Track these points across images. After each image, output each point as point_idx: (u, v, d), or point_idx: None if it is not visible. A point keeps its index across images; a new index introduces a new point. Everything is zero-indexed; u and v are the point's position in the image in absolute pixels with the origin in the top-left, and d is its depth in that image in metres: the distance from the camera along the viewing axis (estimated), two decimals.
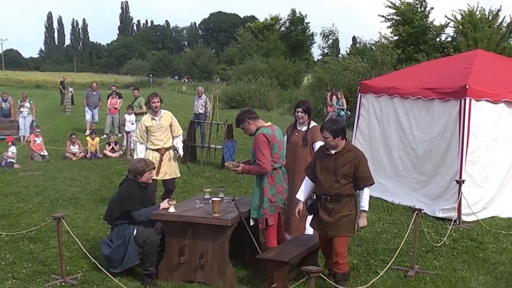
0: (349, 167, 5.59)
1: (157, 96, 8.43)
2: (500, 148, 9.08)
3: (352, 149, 5.74)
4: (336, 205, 5.61)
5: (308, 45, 58.83)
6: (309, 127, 7.01)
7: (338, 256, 5.65)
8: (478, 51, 11.71)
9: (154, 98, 8.37)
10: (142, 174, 6.39)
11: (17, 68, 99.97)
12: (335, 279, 5.58)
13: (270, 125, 6.25)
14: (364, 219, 5.69)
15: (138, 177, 6.39)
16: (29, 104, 18.03)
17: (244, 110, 6.40)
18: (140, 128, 8.37)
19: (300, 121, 7.06)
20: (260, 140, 6.02)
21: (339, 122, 5.92)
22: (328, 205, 5.65)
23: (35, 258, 6.86)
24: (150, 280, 6.03)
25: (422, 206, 8.63)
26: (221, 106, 30.13)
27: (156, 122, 8.35)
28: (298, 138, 6.96)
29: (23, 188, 10.98)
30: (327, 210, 5.66)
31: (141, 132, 8.35)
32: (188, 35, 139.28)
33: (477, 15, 25.70)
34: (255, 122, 6.20)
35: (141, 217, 6.25)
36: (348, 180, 5.60)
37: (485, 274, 6.48)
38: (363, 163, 5.68)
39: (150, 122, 8.35)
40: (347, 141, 5.70)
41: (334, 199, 5.62)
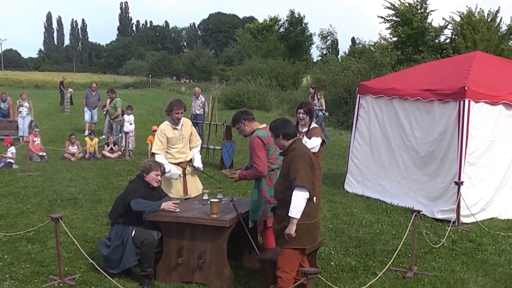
0: (287, 168, 5.13)
1: (181, 107, 7.06)
2: (498, 150, 9.09)
3: (294, 149, 5.20)
4: (283, 211, 5.09)
5: (307, 46, 58.83)
6: (309, 128, 7.15)
7: (277, 270, 5.20)
8: (477, 53, 11.72)
9: (179, 109, 7.02)
10: (148, 173, 6.31)
11: (17, 68, 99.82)
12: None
13: (265, 127, 6.26)
14: (291, 226, 4.98)
15: (144, 174, 6.34)
16: (28, 104, 18.03)
17: (241, 111, 6.43)
18: (161, 139, 7.02)
19: (301, 122, 7.19)
20: (255, 143, 6.05)
21: (282, 122, 5.37)
22: (277, 211, 5.29)
23: (33, 259, 6.85)
24: (148, 281, 6.02)
25: (420, 207, 8.67)
26: (220, 106, 30.14)
27: (178, 132, 7.11)
28: None
29: (22, 188, 10.97)
30: (276, 217, 5.30)
31: (163, 143, 7.02)
32: (187, 36, 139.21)
33: (476, 16, 25.73)
34: (250, 123, 6.25)
35: (137, 205, 6.05)
36: (290, 183, 5.05)
37: (484, 276, 6.48)
38: (295, 162, 5.07)
39: (172, 133, 7.07)
40: (293, 141, 5.23)
41: (281, 204, 5.19)
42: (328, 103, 25.12)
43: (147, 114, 26.92)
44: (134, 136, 16.20)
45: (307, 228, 5.10)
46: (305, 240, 5.15)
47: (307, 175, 5.01)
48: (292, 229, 4.98)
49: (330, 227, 8.44)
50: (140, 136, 17.88)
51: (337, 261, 6.89)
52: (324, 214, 9.18)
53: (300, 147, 5.27)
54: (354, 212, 9.40)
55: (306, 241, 5.18)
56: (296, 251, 5.18)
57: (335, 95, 24.45)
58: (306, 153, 5.20)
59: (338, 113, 23.87)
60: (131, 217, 6.20)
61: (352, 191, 10.90)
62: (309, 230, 5.15)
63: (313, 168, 5.15)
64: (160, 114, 27.90)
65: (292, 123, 5.43)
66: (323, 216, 9.04)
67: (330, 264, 6.81)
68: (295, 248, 5.15)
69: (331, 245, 7.53)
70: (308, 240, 5.19)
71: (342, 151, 15.97)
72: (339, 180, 11.85)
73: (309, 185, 4.99)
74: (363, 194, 10.57)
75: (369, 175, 10.75)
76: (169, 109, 7.06)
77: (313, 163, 5.20)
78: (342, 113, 23.50)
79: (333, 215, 9.21)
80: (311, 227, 5.16)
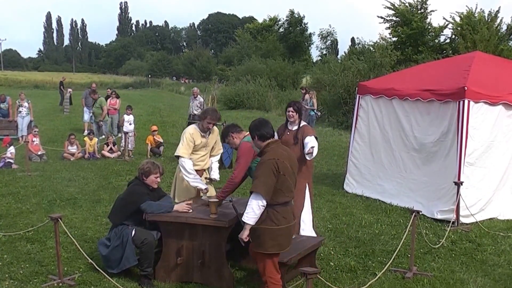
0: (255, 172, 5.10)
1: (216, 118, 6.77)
2: (498, 150, 9.09)
3: (266, 152, 5.12)
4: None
5: (306, 46, 58.81)
6: (300, 126, 7.25)
7: (260, 274, 5.21)
8: (476, 53, 11.72)
9: (212, 120, 6.74)
10: (148, 176, 6.28)
11: (16, 68, 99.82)
12: None
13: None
14: (243, 231, 5.00)
15: (143, 177, 6.32)
16: (28, 104, 18.03)
17: (228, 125, 6.54)
18: (190, 144, 6.71)
19: (291, 120, 7.32)
20: (243, 148, 6.16)
21: (259, 123, 5.31)
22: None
23: (33, 259, 6.85)
24: (148, 281, 6.02)
25: (420, 207, 8.66)
26: (219, 107, 30.15)
27: (205, 140, 6.87)
28: (290, 137, 7.18)
29: (21, 188, 10.96)
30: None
31: (188, 145, 6.71)
32: (186, 36, 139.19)
33: (476, 17, 25.74)
34: (238, 135, 6.35)
35: (150, 208, 6.06)
36: None
37: (483, 276, 6.48)
38: (258, 167, 5.04)
39: (200, 140, 6.80)
40: (268, 143, 5.16)
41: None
42: (327, 104, 25.18)
43: (146, 114, 26.90)
44: (134, 136, 16.20)
45: (271, 234, 5.02)
46: (269, 245, 5.05)
47: (264, 182, 4.90)
48: (243, 234, 5.00)
49: (329, 227, 8.44)
50: (140, 136, 17.88)
51: (336, 261, 6.89)
52: (323, 215, 9.19)
53: (273, 150, 5.10)
54: (353, 212, 9.40)
55: (271, 247, 5.06)
56: (268, 256, 5.11)
57: (335, 95, 24.43)
58: (273, 159, 4.99)
59: (338, 114, 23.86)
60: (132, 218, 6.21)
61: (352, 191, 10.90)
62: (275, 236, 5.03)
63: (280, 176, 4.97)
64: (160, 114, 27.95)
65: (270, 125, 5.32)
66: (322, 217, 9.05)
67: (330, 264, 6.80)
68: (262, 253, 5.10)
69: (331, 245, 7.53)
70: (273, 246, 5.06)
71: (341, 152, 15.97)
72: (338, 180, 11.85)
73: (265, 193, 4.88)
74: (362, 194, 10.57)
75: (368, 175, 10.75)
76: (203, 116, 6.80)
77: (285, 170, 5.01)
78: (342, 113, 23.48)
79: (332, 215, 9.20)
80: (277, 233, 5.03)
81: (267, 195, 4.91)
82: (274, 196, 4.99)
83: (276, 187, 4.98)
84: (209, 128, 6.84)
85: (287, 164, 5.08)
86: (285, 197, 5.07)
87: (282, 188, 5.02)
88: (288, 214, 5.16)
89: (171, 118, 25.23)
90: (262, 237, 5.03)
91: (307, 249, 6.17)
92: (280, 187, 5.01)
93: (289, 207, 5.19)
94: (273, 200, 4.99)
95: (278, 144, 5.28)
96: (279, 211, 5.05)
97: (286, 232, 5.13)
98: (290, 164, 5.13)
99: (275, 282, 5.14)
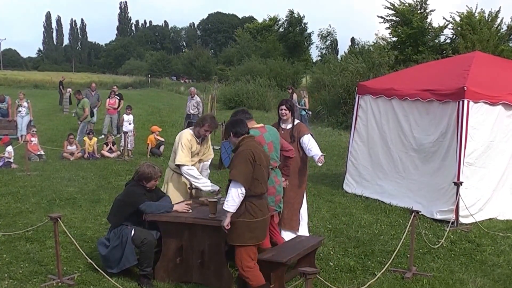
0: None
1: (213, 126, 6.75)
2: (497, 150, 9.08)
3: (241, 145, 5.32)
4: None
5: (306, 46, 58.78)
6: (294, 124, 7.28)
7: (239, 270, 5.39)
8: (476, 53, 11.72)
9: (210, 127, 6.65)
10: (149, 181, 6.28)
11: (16, 68, 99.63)
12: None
13: (260, 126, 6.35)
14: (224, 219, 5.22)
15: (143, 182, 6.30)
16: (27, 103, 18.02)
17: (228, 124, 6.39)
18: (188, 150, 6.55)
19: (284, 118, 7.32)
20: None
21: (233, 121, 5.60)
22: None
23: (32, 258, 6.84)
24: (147, 281, 6.02)
25: (419, 207, 8.65)
26: (219, 106, 30.15)
27: (199, 147, 6.76)
28: (285, 135, 7.16)
29: (21, 188, 10.96)
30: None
31: (188, 151, 6.54)
32: (186, 36, 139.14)
33: (476, 17, 25.69)
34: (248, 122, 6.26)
35: (150, 208, 6.08)
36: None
37: (483, 276, 6.48)
38: (234, 158, 5.26)
39: (196, 146, 6.69)
40: (242, 139, 5.36)
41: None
42: (327, 103, 25.16)
43: (146, 114, 26.89)
44: (134, 136, 16.19)
45: (248, 226, 5.21)
46: (247, 238, 5.23)
47: (242, 170, 5.11)
48: (225, 222, 5.22)
49: (329, 227, 8.43)
50: (139, 136, 17.87)
51: (335, 261, 6.89)
52: (323, 215, 9.19)
53: (247, 144, 5.31)
54: (353, 213, 9.40)
55: (248, 239, 5.25)
56: (244, 248, 5.27)
57: (335, 95, 24.42)
58: (248, 149, 5.23)
59: (337, 113, 23.84)
60: (131, 219, 6.21)
61: (351, 191, 10.90)
62: (252, 228, 5.23)
63: (256, 165, 5.19)
64: (159, 114, 27.94)
65: (244, 123, 5.54)
66: (322, 217, 9.05)
67: (329, 264, 6.80)
68: (240, 245, 5.26)
69: (330, 246, 7.52)
70: (250, 238, 5.25)
71: (341, 152, 15.97)
72: (338, 180, 11.85)
73: (243, 180, 5.09)
74: (362, 195, 10.57)
75: (367, 175, 10.75)
76: (201, 123, 6.62)
77: (260, 160, 5.23)
78: (341, 113, 23.46)
79: (332, 215, 9.20)
80: (253, 226, 5.23)
81: (246, 182, 5.11)
82: (251, 185, 5.19)
83: (253, 177, 5.19)
84: (205, 136, 6.74)
85: (262, 156, 5.34)
86: (261, 188, 5.29)
87: (258, 178, 5.24)
88: (264, 207, 5.38)
89: (170, 118, 25.22)
90: (240, 230, 5.22)
91: (307, 249, 6.17)
92: (256, 177, 5.22)
93: (264, 200, 5.41)
94: (250, 190, 5.19)
95: (253, 138, 5.49)
96: (256, 204, 5.26)
97: (262, 224, 5.36)
98: (265, 158, 5.40)
99: (251, 268, 5.31)
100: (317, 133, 21.31)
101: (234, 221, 5.23)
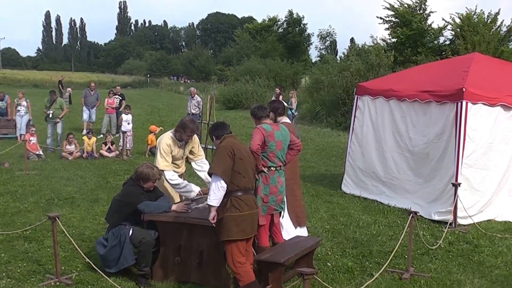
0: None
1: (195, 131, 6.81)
2: (496, 152, 9.09)
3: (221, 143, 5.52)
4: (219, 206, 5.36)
5: (305, 47, 58.78)
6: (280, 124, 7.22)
7: (229, 265, 5.48)
8: (475, 54, 11.72)
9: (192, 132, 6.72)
10: (146, 182, 6.29)
11: (15, 67, 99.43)
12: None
13: (273, 123, 6.42)
14: (210, 213, 5.34)
15: (141, 182, 6.30)
16: (26, 102, 17.99)
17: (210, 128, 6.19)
18: (167, 154, 6.59)
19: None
20: (255, 130, 6.13)
21: (214, 125, 5.87)
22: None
23: (30, 258, 6.84)
24: (145, 281, 6.02)
25: (418, 208, 8.66)
26: (218, 106, 30.14)
27: (181, 150, 6.81)
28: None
29: (19, 187, 10.95)
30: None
31: (167, 156, 6.59)
32: (186, 36, 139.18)
33: (476, 18, 25.71)
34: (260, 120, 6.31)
35: (149, 208, 6.11)
36: None
37: (480, 277, 6.49)
38: (214, 153, 5.50)
39: (177, 150, 6.73)
40: (222, 139, 5.55)
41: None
42: (326, 104, 25.14)
43: (145, 114, 26.87)
44: (132, 135, 16.18)
45: (235, 220, 5.29)
46: (234, 232, 5.29)
47: (220, 164, 5.23)
48: (210, 216, 5.32)
49: (327, 228, 8.44)
50: (138, 135, 17.86)
51: (333, 262, 6.89)
52: (321, 215, 9.19)
53: (226, 141, 5.48)
54: (351, 213, 9.40)
55: (236, 233, 5.30)
56: (234, 243, 5.32)
57: (334, 96, 24.41)
58: (227, 145, 5.38)
59: (336, 114, 23.84)
60: (129, 219, 6.21)
61: (349, 192, 10.90)
62: (239, 222, 5.30)
63: (237, 159, 5.29)
64: (158, 114, 27.92)
65: (225, 125, 5.76)
66: (320, 217, 9.05)
67: (327, 264, 6.81)
68: (229, 240, 5.31)
69: (328, 246, 7.53)
70: (238, 232, 5.30)
71: (339, 152, 15.98)
72: (336, 181, 11.85)
73: (221, 173, 5.19)
74: (360, 195, 10.58)
75: (365, 176, 10.75)
76: (181, 130, 6.60)
77: (241, 155, 5.34)
78: (340, 114, 23.46)
79: (330, 215, 9.21)
80: (240, 219, 5.31)
81: (224, 175, 5.20)
82: (233, 179, 5.28)
83: (234, 170, 5.29)
84: (188, 141, 6.76)
85: (244, 152, 5.46)
86: (244, 182, 5.34)
87: (240, 171, 5.32)
88: (250, 201, 5.44)
89: (170, 118, 25.18)
90: (227, 225, 5.29)
91: (305, 249, 6.18)
92: (238, 170, 5.31)
93: (250, 195, 5.48)
94: (234, 184, 5.29)
95: (233, 137, 5.65)
96: (242, 199, 5.34)
97: (249, 218, 5.40)
98: (247, 154, 5.53)
99: (242, 264, 5.35)
100: (316, 134, 21.34)
101: (221, 217, 5.32)
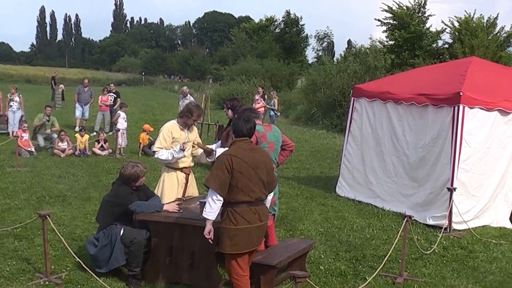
0: None
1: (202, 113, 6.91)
2: (493, 157, 9.04)
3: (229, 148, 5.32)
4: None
5: (302, 47, 58.84)
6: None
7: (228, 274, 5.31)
8: (473, 58, 11.71)
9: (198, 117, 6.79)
10: (137, 181, 6.22)
11: (8, 62, 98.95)
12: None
13: (266, 125, 6.38)
14: (206, 227, 5.08)
15: (132, 183, 6.21)
16: (19, 98, 17.83)
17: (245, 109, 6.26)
18: (167, 138, 6.52)
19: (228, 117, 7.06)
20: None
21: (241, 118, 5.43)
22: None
23: (20, 256, 6.75)
24: (135, 281, 5.95)
25: (412, 213, 8.58)
26: (213, 106, 30.07)
27: (185, 134, 6.65)
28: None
29: (10, 184, 10.84)
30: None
31: (167, 143, 6.51)
32: (182, 34, 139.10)
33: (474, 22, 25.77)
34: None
35: (141, 208, 6.03)
36: None
37: (474, 283, 6.45)
38: (214, 164, 5.26)
39: (179, 133, 6.60)
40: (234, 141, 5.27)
41: None
42: (322, 105, 25.10)
43: (139, 112, 26.79)
44: (125, 133, 16.06)
45: (229, 233, 5.00)
46: (227, 245, 5.02)
47: (216, 176, 4.93)
48: (205, 230, 5.07)
49: (320, 231, 8.38)
50: (131, 134, 17.75)
51: (326, 265, 6.83)
52: (315, 218, 9.14)
53: (231, 149, 5.19)
54: (345, 216, 9.35)
55: (229, 247, 5.02)
56: (231, 255, 5.09)
57: (330, 97, 24.37)
58: (228, 155, 5.05)
59: (332, 116, 23.79)
60: (120, 219, 6.14)
61: (344, 195, 10.85)
62: (231, 236, 4.99)
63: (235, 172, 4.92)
64: (152, 113, 27.82)
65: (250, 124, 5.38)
66: (314, 220, 8.99)
67: (320, 268, 6.75)
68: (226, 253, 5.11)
69: (321, 249, 7.47)
70: (230, 246, 5.01)
71: (335, 154, 15.93)
72: (331, 183, 11.79)
73: (217, 187, 4.90)
74: (354, 198, 10.52)
75: (361, 179, 10.70)
76: (188, 115, 6.58)
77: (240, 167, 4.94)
78: (336, 116, 23.41)
79: (324, 218, 9.15)
80: (233, 233, 4.99)
81: (220, 189, 4.91)
82: (231, 193, 4.96)
83: (232, 184, 4.94)
84: (193, 125, 6.78)
85: (246, 164, 5.00)
86: (245, 196, 4.99)
87: (238, 186, 4.96)
88: (249, 215, 5.02)
89: (164, 117, 25.06)
90: (221, 236, 5.07)
91: (297, 252, 6.13)
92: (236, 185, 4.94)
93: (252, 208, 5.04)
94: (232, 198, 4.98)
95: (244, 142, 5.18)
96: (238, 212, 4.99)
97: (244, 233, 5.02)
98: (251, 165, 5.03)
99: (239, 277, 5.13)
100: (311, 136, 21.32)
101: (217, 227, 5.11)
